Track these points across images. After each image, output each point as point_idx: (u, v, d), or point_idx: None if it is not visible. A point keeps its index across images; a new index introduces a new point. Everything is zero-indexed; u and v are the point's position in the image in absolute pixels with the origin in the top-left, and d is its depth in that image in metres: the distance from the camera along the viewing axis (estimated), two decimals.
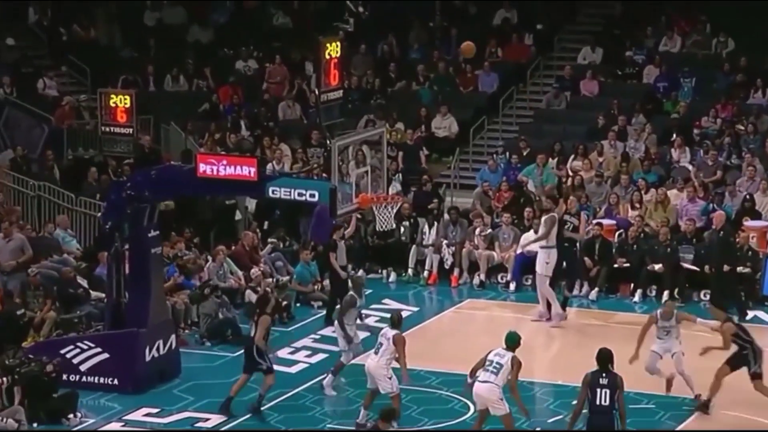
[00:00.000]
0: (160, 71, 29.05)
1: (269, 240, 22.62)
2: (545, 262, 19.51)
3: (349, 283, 18.60)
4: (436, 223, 22.88)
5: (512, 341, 14.45)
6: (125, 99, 21.28)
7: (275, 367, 17.07)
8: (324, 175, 17.32)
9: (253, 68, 29.43)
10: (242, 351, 16.23)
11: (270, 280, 20.70)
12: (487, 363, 14.44)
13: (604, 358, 13.67)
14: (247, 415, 16.05)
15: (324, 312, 20.21)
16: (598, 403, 13.49)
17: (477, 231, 22.62)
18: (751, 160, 23.79)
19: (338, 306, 19.49)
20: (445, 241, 22.50)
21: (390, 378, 15.24)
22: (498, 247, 22.46)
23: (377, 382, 15.21)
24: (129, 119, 21.19)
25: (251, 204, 24.06)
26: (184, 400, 16.74)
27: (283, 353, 18.60)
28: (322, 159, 24.36)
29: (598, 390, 13.53)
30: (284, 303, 20.26)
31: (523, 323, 19.76)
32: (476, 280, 22.18)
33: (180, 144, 25.72)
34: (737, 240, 20.96)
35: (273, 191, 16.31)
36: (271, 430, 15.64)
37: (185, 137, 25.84)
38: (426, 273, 22.50)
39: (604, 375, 13.61)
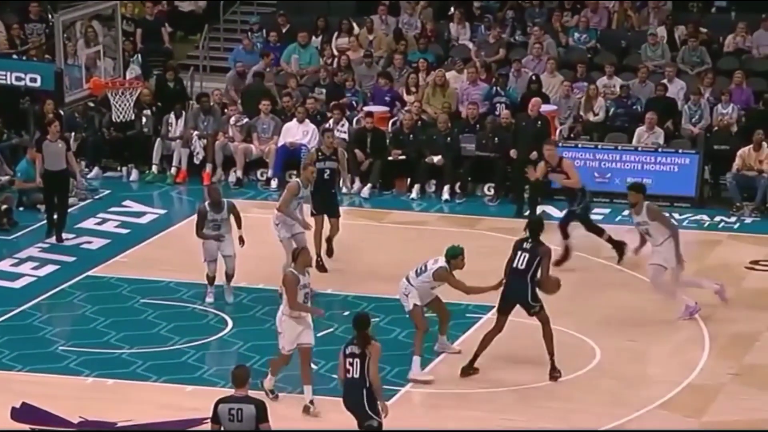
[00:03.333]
0: None
1: None
2: None
3: None
4: (183, 112, 22.48)
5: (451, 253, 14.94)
6: None
7: None
8: (47, 56, 16.75)
9: None
10: None
11: None
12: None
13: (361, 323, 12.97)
14: None
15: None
16: None
17: (232, 120, 22.37)
18: (538, 36, 24.22)
19: None
20: (195, 133, 22.19)
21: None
22: (256, 138, 22.29)
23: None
24: None
25: None
26: None
27: (5, 265, 18.19)
28: (44, 37, 23.61)
29: None
30: (4, 207, 19.67)
31: None
32: (232, 177, 22.03)
33: None
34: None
35: None
36: None
37: None
38: (173, 170, 22.17)
39: None
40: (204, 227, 16.82)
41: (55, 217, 19.14)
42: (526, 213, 20.10)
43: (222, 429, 11.33)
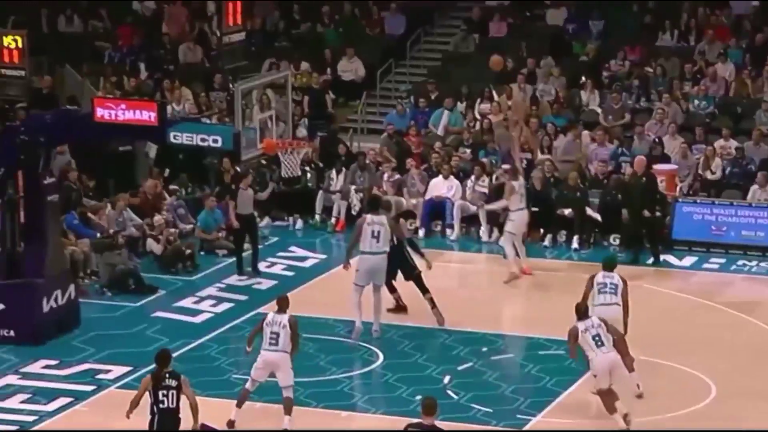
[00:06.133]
0: (53, 12, 28.39)
1: (170, 187, 22.37)
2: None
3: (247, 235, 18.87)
4: (343, 168, 22.82)
5: (612, 260, 15.52)
6: (17, 39, 20.73)
7: (179, 317, 16.97)
8: (227, 119, 17.20)
9: (151, 9, 28.92)
10: (144, 301, 15.90)
11: (172, 230, 20.47)
12: (600, 286, 14.90)
13: None
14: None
15: (232, 260, 20.07)
16: None
17: (385, 176, 22.62)
18: (663, 102, 24.06)
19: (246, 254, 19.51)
20: (353, 187, 22.47)
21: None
22: (406, 192, 22.49)
23: (284, 374, 14.43)
24: (21, 61, 20.68)
25: (152, 150, 23.71)
26: (84, 351, 16.54)
27: (188, 303, 18.48)
28: (225, 103, 24.18)
29: None
30: (188, 251, 20.09)
31: (431, 269, 19.83)
32: None
33: (77, 87, 25.23)
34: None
35: (174, 136, 16.10)
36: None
37: (82, 80, 25.34)
38: (333, 220, 22.46)
39: None
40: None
41: (250, 252, 19.64)
42: (649, 261, 19.98)
43: None
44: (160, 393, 12.64)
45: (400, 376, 15.77)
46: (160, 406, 12.64)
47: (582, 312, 14.48)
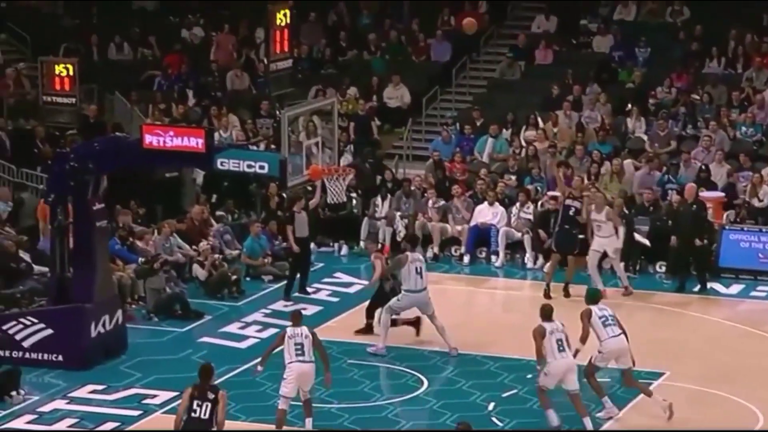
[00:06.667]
0: (103, 40, 28.81)
1: (217, 213, 22.58)
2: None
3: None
4: (388, 195, 22.93)
5: (597, 293, 15.74)
6: (68, 67, 21.05)
7: (224, 342, 17.12)
8: (273, 146, 17.36)
9: (199, 36, 29.27)
10: (190, 327, 16.03)
11: (217, 256, 20.65)
12: (602, 318, 15.05)
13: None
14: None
15: (281, 284, 20.20)
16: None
17: (430, 203, 22.72)
18: (707, 130, 24.00)
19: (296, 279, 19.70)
20: (398, 213, 22.57)
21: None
22: (452, 219, 22.57)
23: (307, 384, 14.79)
24: (71, 88, 21.01)
25: (199, 176, 23.97)
26: (131, 376, 16.72)
27: (233, 328, 18.62)
28: (272, 130, 24.37)
29: None
30: (234, 277, 20.25)
31: (476, 296, 19.92)
32: (429, 253, 22.28)
33: (125, 114, 25.55)
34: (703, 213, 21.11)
35: (222, 163, 16.27)
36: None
37: (130, 107, 25.67)
38: (379, 245, 22.54)
39: None
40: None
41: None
42: (695, 289, 19.93)
43: None
44: (195, 402, 12.91)
45: (444, 402, 15.82)
46: (192, 414, 12.89)
47: (548, 314, 14.90)
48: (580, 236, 19.93)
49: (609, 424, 14.95)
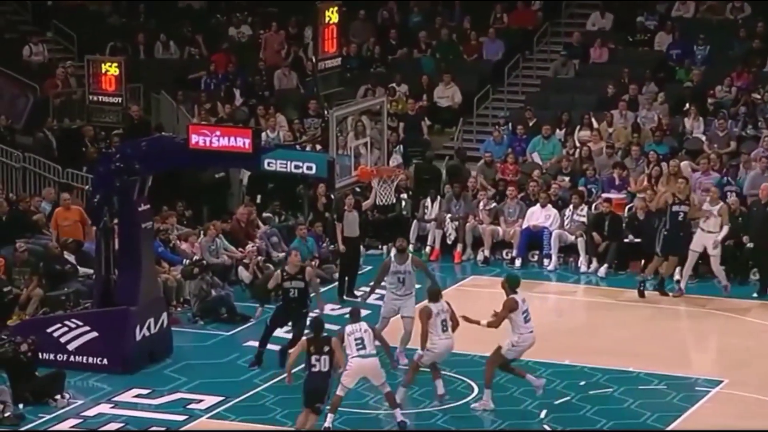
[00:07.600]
0: (150, 38, 28.93)
1: (263, 214, 22.56)
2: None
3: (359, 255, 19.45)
4: (438, 196, 22.81)
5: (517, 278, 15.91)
6: (114, 66, 21.09)
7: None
8: (321, 147, 17.26)
9: (247, 35, 29.31)
10: (236, 330, 15.93)
11: (260, 258, 20.61)
12: (524, 314, 15.43)
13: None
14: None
15: (327, 288, 20.13)
16: None
17: (481, 205, 22.57)
18: None
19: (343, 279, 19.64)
20: (448, 216, 22.45)
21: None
22: (503, 221, 22.41)
23: (376, 377, 15.00)
24: (118, 88, 21.04)
25: (245, 176, 23.97)
26: (176, 380, 16.71)
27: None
28: (320, 130, 24.32)
29: None
30: None
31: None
32: (480, 256, 22.15)
33: (171, 114, 25.62)
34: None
35: (269, 163, 16.25)
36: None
37: (176, 107, 25.73)
38: (428, 248, 22.45)
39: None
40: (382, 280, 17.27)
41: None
42: (754, 294, 19.64)
43: None
44: (313, 357, 14.15)
45: (495, 409, 15.66)
46: (312, 369, 14.17)
47: (435, 295, 15.45)
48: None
49: None
